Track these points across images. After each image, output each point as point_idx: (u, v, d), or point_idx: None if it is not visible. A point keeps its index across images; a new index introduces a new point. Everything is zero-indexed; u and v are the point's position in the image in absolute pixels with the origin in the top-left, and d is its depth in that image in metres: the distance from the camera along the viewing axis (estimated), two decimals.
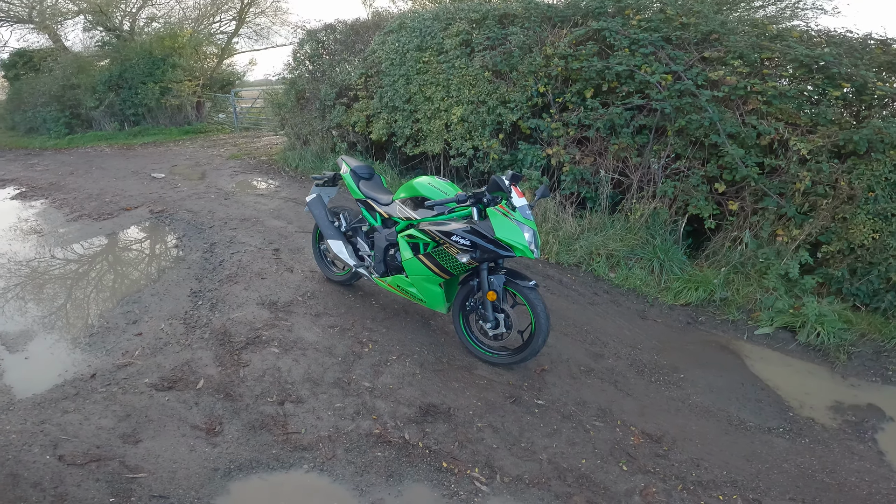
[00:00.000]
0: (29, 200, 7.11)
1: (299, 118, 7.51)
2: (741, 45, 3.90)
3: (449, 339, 3.18)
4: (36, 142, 13.25)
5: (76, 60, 13.60)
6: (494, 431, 2.43)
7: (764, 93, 3.73)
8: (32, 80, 14.20)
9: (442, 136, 5.36)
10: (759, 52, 3.89)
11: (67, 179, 8.29)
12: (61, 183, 8.03)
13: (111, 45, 13.78)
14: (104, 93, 12.76)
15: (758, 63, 3.93)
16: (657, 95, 3.96)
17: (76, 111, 13.36)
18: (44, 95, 13.39)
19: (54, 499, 2.00)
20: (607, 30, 4.21)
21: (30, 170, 9.53)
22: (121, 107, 12.94)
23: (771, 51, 3.88)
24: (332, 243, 3.39)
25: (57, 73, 13.28)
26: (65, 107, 13.31)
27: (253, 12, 14.87)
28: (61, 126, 13.24)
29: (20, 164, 10.23)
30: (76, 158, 10.55)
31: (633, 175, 4.34)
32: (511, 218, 2.48)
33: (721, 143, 3.81)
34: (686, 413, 2.68)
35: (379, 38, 5.92)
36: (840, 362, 3.09)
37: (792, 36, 3.92)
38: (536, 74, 4.57)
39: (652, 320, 3.64)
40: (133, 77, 12.64)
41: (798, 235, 3.70)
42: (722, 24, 4.11)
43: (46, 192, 7.44)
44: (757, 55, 3.89)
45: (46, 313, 3.65)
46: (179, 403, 2.58)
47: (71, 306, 3.79)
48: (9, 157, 11.49)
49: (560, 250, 4.40)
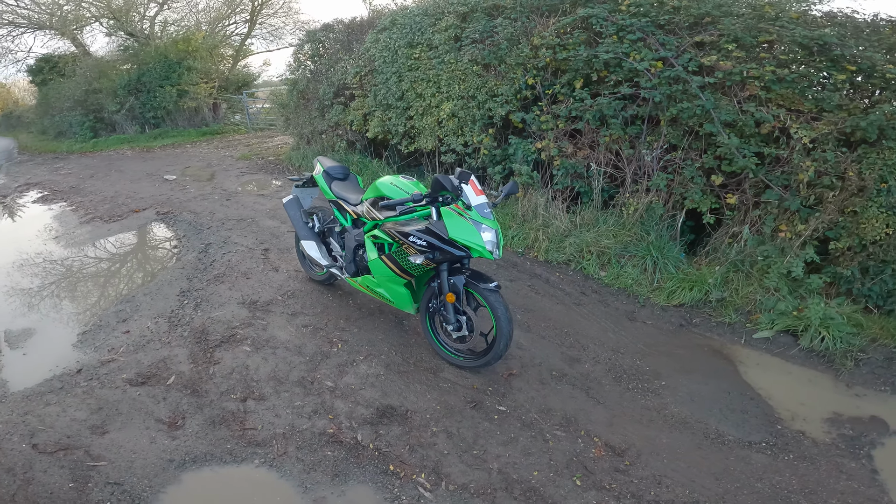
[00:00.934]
0: (49, 204, 7.43)
1: (302, 118, 7.58)
2: (736, 27, 3.67)
3: (420, 340, 3.13)
4: (63, 146, 13.86)
5: (97, 65, 14.13)
6: (448, 437, 2.38)
7: (762, 78, 3.51)
8: (59, 85, 14.84)
9: (434, 132, 5.30)
10: (755, 34, 3.66)
11: (87, 182, 8.63)
12: (81, 186, 8.37)
13: (131, 49, 14.26)
14: (124, 97, 13.22)
15: (755, 47, 3.70)
16: (647, 83, 3.78)
17: (99, 115, 13.90)
18: (69, 100, 13.98)
19: (22, 483, 2.13)
20: (594, 17, 4.04)
21: (54, 173, 9.97)
22: (141, 110, 13.38)
23: (769, 33, 3.64)
24: (306, 244, 3.40)
25: (79, 78, 13.82)
26: (89, 111, 13.86)
27: (265, 13, 15.11)
28: (86, 130, 13.79)
29: (46, 168, 10.71)
30: (98, 162, 10.98)
31: (627, 168, 4.17)
32: (466, 217, 2.41)
33: (716, 132, 3.60)
34: (659, 424, 2.51)
35: (372, 35, 5.88)
36: (846, 369, 2.83)
37: (791, 17, 3.66)
38: (525, 66, 4.44)
39: (641, 322, 3.47)
40: (151, 81, 13.04)
41: (803, 231, 3.44)
42: (717, 6, 3.88)
43: (66, 196, 7.77)
44: (753, 38, 3.65)
45: (47, 312, 3.82)
46: (149, 398, 2.66)
47: (70, 305, 3.95)
48: (37, 161, 12.07)
49: (549, 247, 4.28)
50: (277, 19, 15.95)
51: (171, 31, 14.99)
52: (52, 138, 15.46)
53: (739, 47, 3.62)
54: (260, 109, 13.68)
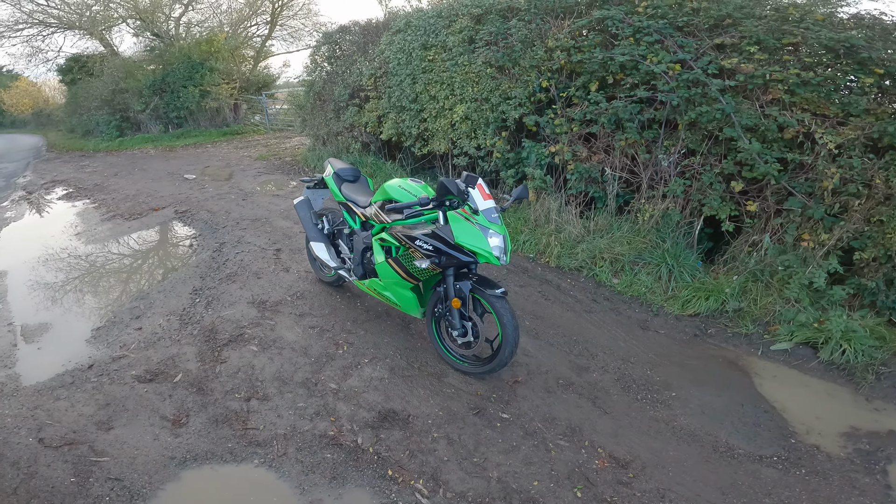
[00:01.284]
0: (73, 201, 7.65)
1: (318, 119, 7.64)
2: (759, 29, 3.55)
3: (425, 344, 3.10)
4: (90, 144, 14.28)
5: (124, 65, 14.52)
6: (449, 443, 2.35)
7: (785, 81, 3.38)
8: (87, 84, 15.30)
9: (448, 135, 5.28)
10: (779, 37, 3.54)
11: (111, 181, 8.86)
12: (105, 184, 8.59)
13: (157, 49, 14.62)
14: (149, 96, 13.56)
15: (778, 49, 3.58)
16: (664, 86, 3.69)
17: (125, 114, 14.28)
18: (97, 99, 14.39)
19: (26, 476, 2.18)
20: (610, 18, 3.97)
21: (80, 171, 10.27)
22: (165, 110, 13.70)
23: (793, 35, 3.52)
24: (315, 245, 3.41)
25: (107, 78, 14.23)
26: (115, 110, 14.25)
27: (285, 15, 15.32)
28: (113, 129, 14.18)
29: (73, 166, 11.04)
30: (123, 160, 11.27)
31: (643, 173, 4.08)
32: (473, 222, 2.37)
33: (737, 136, 3.49)
34: (667, 436, 2.43)
35: (387, 37, 5.90)
36: (867, 383, 2.71)
37: (815, 19, 3.53)
38: (539, 68, 4.38)
39: (653, 331, 3.37)
40: (175, 81, 13.34)
41: (827, 240, 3.30)
42: (738, 7, 3.76)
43: (90, 193, 7.98)
44: (777, 41, 3.53)
45: (64, 307, 3.91)
46: (155, 395, 2.70)
47: (86, 301, 4.03)
48: (65, 159, 12.44)
49: (562, 253, 4.21)
50: (297, 21, 16.20)
51: (194, 32, 15.34)
52: (80, 137, 15.94)
53: (762, 50, 3.50)
54: (279, 110, 13.87)
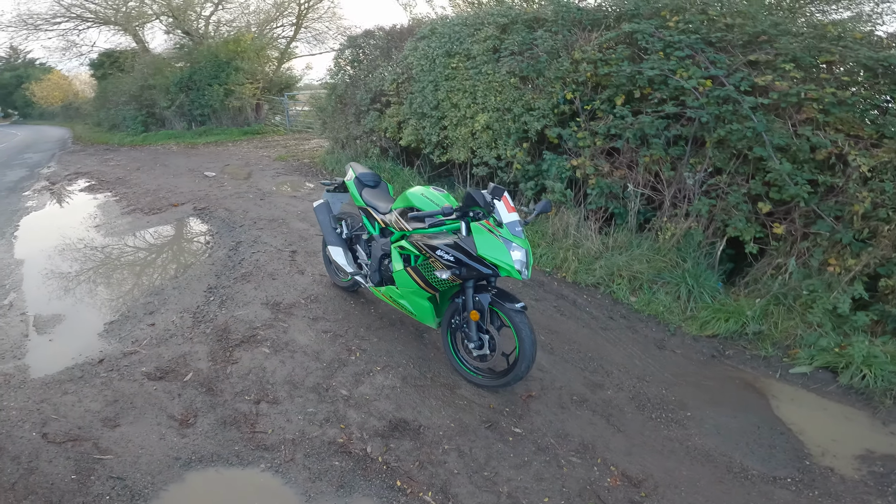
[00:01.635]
0: (95, 193, 7.78)
1: (338, 122, 7.69)
2: (795, 47, 3.47)
3: (439, 354, 3.05)
4: (115, 138, 14.59)
5: (154, 62, 14.86)
6: (460, 456, 2.29)
7: (821, 100, 3.29)
8: (117, 79, 15.69)
9: (468, 144, 5.25)
10: (816, 55, 3.45)
11: (133, 175, 9.01)
12: (127, 178, 8.74)
13: (186, 47, 14.93)
14: (176, 94, 13.83)
15: (814, 67, 3.49)
16: (693, 102, 3.62)
17: (152, 110, 14.59)
18: (125, 95, 14.74)
19: (26, 472, 2.15)
20: (640, 32, 3.91)
21: (104, 164, 10.47)
22: (189, 107, 13.96)
23: (831, 53, 3.43)
24: (332, 249, 3.39)
25: (136, 74, 14.56)
26: (142, 106, 14.57)
27: (310, 17, 15.54)
28: (138, 124, 14.48)
29: (97, 159, 11.27)
30: (146, 155, 11.48)
31: (666, 191, 4.00)
32: (496, 235, 2.33)
33: (767, 156, 3.40)
34: (681, 456, 2.38)
35: (411, 43, 5.91)
36: (884, 407, 2.67)
37: (854, 37, 3.44)
38: (564, 80, 4.34)
39: (670, 351, 3.29)
40: (201, 79, 13.60)
41: (853, 266, 3.19)
42: (774, 24, 3.68)
43: (112, 186, 8.12)
44: (814, 59, 3.44)
45: (78, 299, 3.93)
46: (164, 393, 2.68)
47: (101, 294, 4.05)
48: (89, 152, 12.72)
49: (579, 269, 4.13)
50: (321, 24, 16.42)
51: (223, 31, 15.63)
52: (106, 130, 16.31)
53: (798, 67, 3.41)
54: (299, 112, 14.03)
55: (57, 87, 29.95)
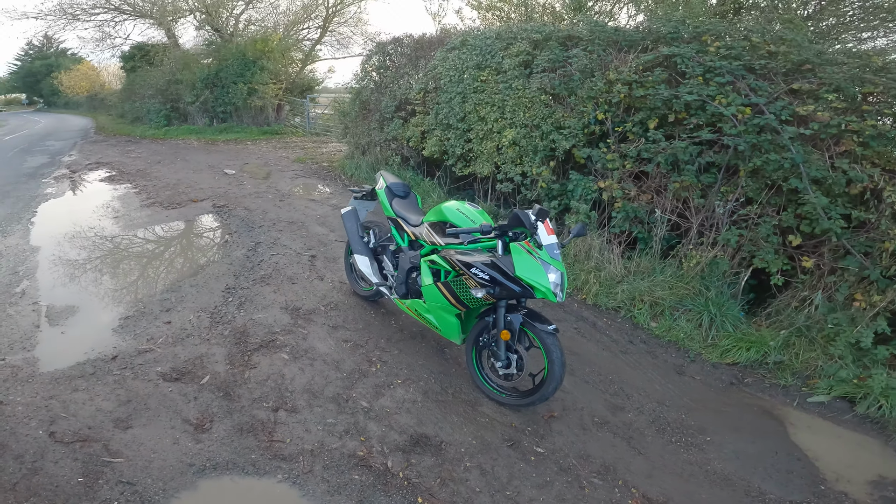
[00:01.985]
0: (115, 184, 7.84)
1: (361, 128, 7.71)
2: (839, 77, 3.41)
3: (460, 370, 3.00)
4: (137, 130, 14.76)
5: (183, 57, 15.07)
6: (482, 474, 2.25)
7: (861, 132, 3.23)
8: (145, 72, 15.91)
9: (492, 158, 5.22)
10: (860, 85, 3.39)
11: (154, 168, 9.08)
12: (148, 170, 8.81)
13: (215, 44, 15.14)
14: (201, 90, 13.99)
15: (857, 98, 3.43)
16: (731, 130, 3.56)
17: (176, 105, 14.76)
18: (151, 88, 14.94)
19: (29, 471, 2.08)
20: (679, 56, 3.87)
21: (125, 156, 10.57)
22: (213, 104, 14.11)
23: (874, 84, 3.37)
24: (359, 258, 3.35)
25: (165, 68, 14.77)
26: (167, 100, 14.76)
27: (336, 21, 15.72)
28: (162, 118, 14.66)
29: (118, 150, 11.39)
30: (167, 149, 11.58)
31: (694, 218, 3.93)
32: (535, 256, 2.29)
33: (802, 188, 3.34)
34: (700, 479, 2.38)
35: (441, 53, 5.92)
36: None
37: None
38: (596, 100, 4.31)
39: (690, 377, 3.26)
40: (227, 77, 13.76)
41: (878, 302, 3.17)
42: (818, 53, 3.63)
43: (132, 178, 8.18)
44: (857, 89, 3.39)
45: (93, 291, 3.90)
46: (180, 396, 2.63)
47: (116, 287, 4.02)
48: (111, 143, 12.87)
49: (600, 292, 4.07)
50: (347, 28, 16.61)
51: (251, 30, 15.84)
52: (129, 122, 16.53)
53: (841, 98, 3.36)
54: (319, 115, 14.13)
55: (85, 78, 30.51)
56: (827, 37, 5.66)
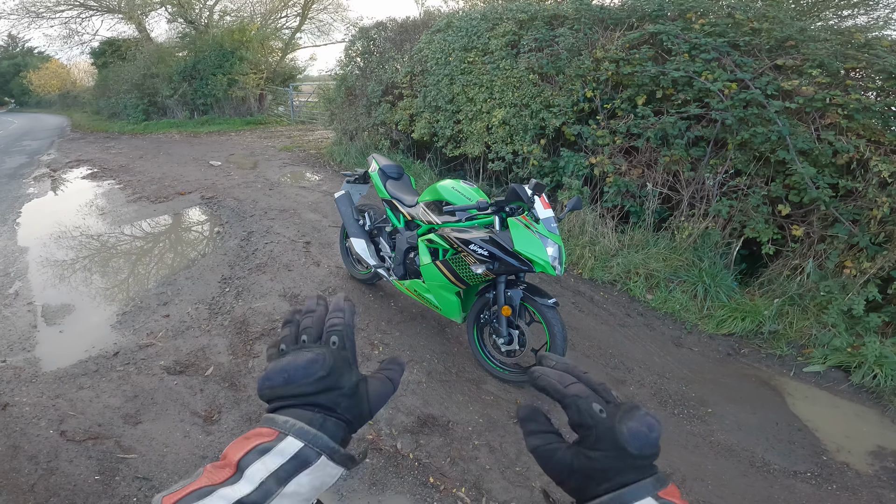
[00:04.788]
0: (98, 180, 7.67)
1: (347, 114, 7.62)
2: (822, 53, 3.47)
3: (462, 349, 3.04)
4: (116, 126, 14.40)
5: (157, 51, 14.66)
6: (491, 451, 2.29)
7: (845, 106, 3.30)
8: (118, 68, 15.46)
9: (483, 138, 5.22)
10: (842, 61, 3.45)
11: (136, 163, 8.89)
12: (130, 166, 8.63)
13: (189, 36, 14.75)
14: (179, 82, 13.65)
15: (840, 73, 3.49)
16: (718, 105, 3.61)
17: (153, 99, 14.40)
18: (126, 83, 14.53)
19: (45, 472, 2.07)
20: (665, 33, 3.89)
21: (105, 152, 10.33)
22: (192, 96, 13.79)
23: (857, 60, 3.43)
24: (355, 241, 3.35)
25: (139, 63, 14.36)
26: (144, 94, 14.37)
27: (315, 8, 15.40)
28: (139, 113, 14.30)
29: (98, 147, 11.11)
30: (148, 143, 11.33)
31: (685, 191, 4.00)
32: (533, 230, 2.31)
33: (790, 160, 3.41)
34: (705, 450, 2.43)
35: (426, 36, 5.86)
36: (893, 406, 2.76)
37: (882, 45, 3.44)
38: (584, 78, 4.32)
39: (687, 348, 3.32)
40: (205, 68, 13.43)
41: (869, 269, 3.25)
42: (801, 30, 3.68)
43: (115, 174, 8.01)
44: (840, 64, 3.45)
45: (87, 289, 3.85)
46: (186, 389, 2.62)
47: (110, 284, 3.97)
48: (89, 140, 12.54)
49: (595, 266, 4.13)
50: (327, 15, 16.29)
51: (227, 20, 15.45)
52: (106, 119, 16.10)
53: (824, 73, 3.42)
54: (303, 103, 13.92)
55: (55, 76, 29.56)
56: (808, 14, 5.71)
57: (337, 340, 0.49)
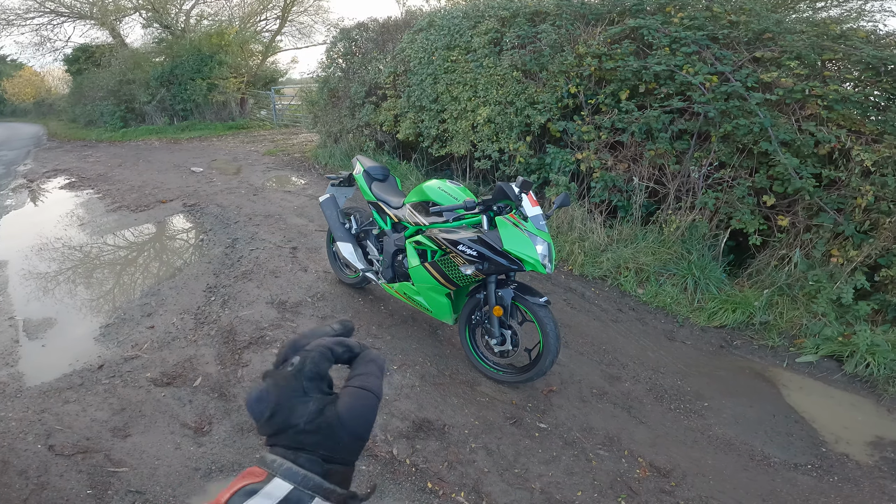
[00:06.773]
0: (77, 190, 7.48)
1: (331, 116, 7.54)
2: (799, 45, 3.51)
3: (455, 351, 3.01)
4: (93, 134, 14.07)
5: (133, 56, 14.35)
6: (488, 454, 2.26)
7: (825, 97, 3.35)
8: (93, 74, 15.10)
9: (468, 137, 5.20)
10: (819, 52, 3.50)
11: (115, 171, 8.69)
12: (109, 174, 8.43)
13: (166, 41, 14.47)
14: (156, 88, 13.39)
15: (818, 65, 3.54)
16: (700, 98, 3.63)
17: (131, 105, 14.09)
18: (102, 90, 14.20)
19: (36, 487, 2.02)
20: (646, 28, 3.91)
21: (83, 161, 10.08)
22: (171, 102, 13.53)
23: (834, 52, 3.48)
24: (342, 245, 3.30)
25: (114, 69, 14.04)
26: (120, 101, 14.05)
27: (296, 11, 15.23)
28: (117, 119, 13.99)
29: (75, 156, 10.85)
30: (127, 151, 11.09)
31: (671, 184, 4.02)
32: (522, 229, 2.29)
33: (773, 151, 3.45)
34: (704, 445, 2.42)
35: (408, 36, 5.81)
36: (888, 395, 2.77)
37: (858, 36, 3.49)
38: (568, 74, 4.32)
39: (680, 342, 3.33)
40: (183, 73, 13.18)
41: (855, 257, 3.29)
42: (777, 22, 3.72)
43: (94, 183, 7.82)
44: (817, 56, 3.49)
45: (69, 302, 3.74)
46: (174, 400, 2.56)
47: (93, 296, 3.87)
48: (66, 149, 12.24)
49: (585, 262, 4.14)
50: (307, 17, 16.11)
51: (205, 24, 15.19)
52: (82, 126, 15.72)
53: (802, 65, 3.46)
54: (286, 106, 13.75)
55: (29, 84, 28.78)
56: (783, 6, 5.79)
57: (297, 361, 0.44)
